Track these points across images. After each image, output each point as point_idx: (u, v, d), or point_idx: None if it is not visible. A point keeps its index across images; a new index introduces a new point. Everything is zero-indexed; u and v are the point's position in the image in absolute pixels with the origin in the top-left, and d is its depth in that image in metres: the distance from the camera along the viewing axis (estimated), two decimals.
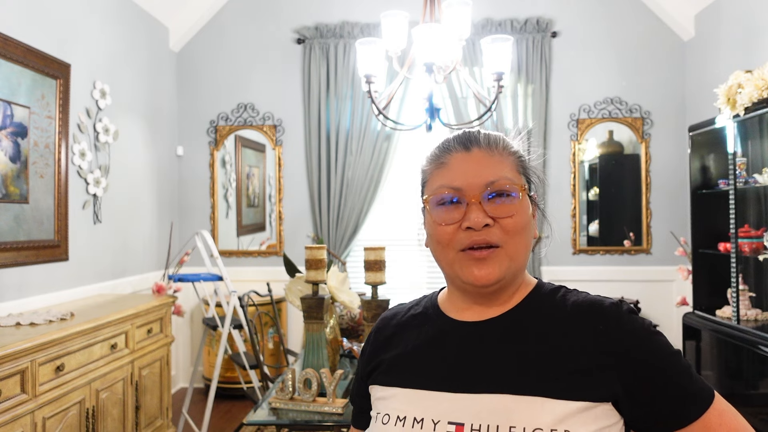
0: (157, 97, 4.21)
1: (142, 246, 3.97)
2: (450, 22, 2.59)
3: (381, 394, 0.87)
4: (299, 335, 4.38)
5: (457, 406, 0.78)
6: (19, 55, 2.72)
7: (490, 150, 0.84)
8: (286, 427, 1.98)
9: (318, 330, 2.16)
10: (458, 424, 0.76)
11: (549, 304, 0.84)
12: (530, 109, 4.23)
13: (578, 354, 0.77)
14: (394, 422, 0.80)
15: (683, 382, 0.76)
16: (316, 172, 4.35)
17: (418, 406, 0.80)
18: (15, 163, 2.72)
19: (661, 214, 4.26)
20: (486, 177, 0.81)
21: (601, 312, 0.80)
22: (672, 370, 0.77)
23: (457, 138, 0.87)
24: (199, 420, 3.51)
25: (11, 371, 2.03)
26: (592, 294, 0.85)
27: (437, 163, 0.87)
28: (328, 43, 4.34)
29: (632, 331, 0.78)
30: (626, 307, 0.81)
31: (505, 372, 0.78)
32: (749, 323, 2.92)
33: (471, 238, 0.80)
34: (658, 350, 0.78)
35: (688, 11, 4.08)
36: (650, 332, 0.79)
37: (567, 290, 0.87)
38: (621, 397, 0.75)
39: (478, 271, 0.80)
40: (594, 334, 0.78)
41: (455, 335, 0.85)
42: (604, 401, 0.75)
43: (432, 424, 0.77)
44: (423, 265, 4.47)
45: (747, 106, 2.74)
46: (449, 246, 0.82)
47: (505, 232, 0.80)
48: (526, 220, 0.82)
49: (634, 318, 0.80)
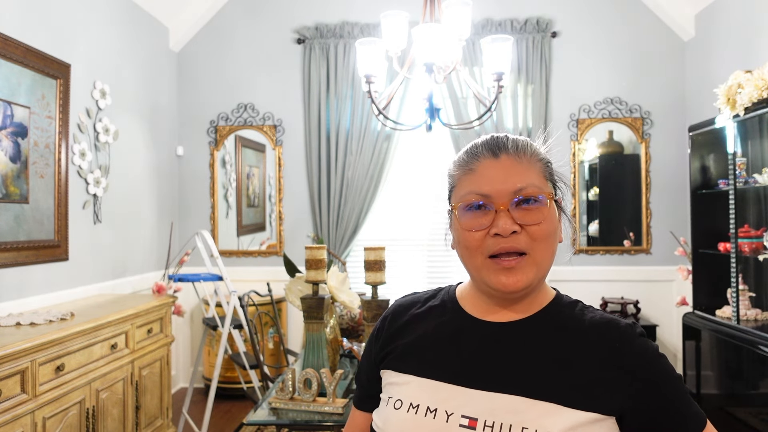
0: (158, 97, 4.21)
1: (142, 246, 3.97)
2: (450, 22, 2.59)
3: (394, 379, 0.88)
4: (299, 335, 4.38)
5: (472, 401, 0.79)
6: (19, 55, 2.72)
7: (518, 156, 0.84)
8: (286, 427, 1.98)
9: (318, 330, 2.16)
10: (472, 419, 0.77)
11: (568, 316, 0.86)
12: (530, 109, 4.23)
13: (593, 367, 0.80)
14: (407, 409, 0.82)
15: (682, 405, 0.80)
16: (316, 172, 4.35)
17: (433, 396, 0.82)
18: (15, 163, 2.72)
19: (661, 214, 4.26)
20: (514, 184, 0.82)
21: (618, 330, 0.83)
22: (674, 393, 0.79)
23: (486, 144, 0.87)
24: (199, 420, 3.51)
25: (11, 371, 2.03)
26: (606, 313, 0.89)
27: (466, 169, 0.86)
28: (328, 43, 4.34)
29: (643, 353, 0.81)
30: (639, 330, 0.84)
31: (521, 375, 0.80)
32: (749, 323, 2.92)
33: (499, 244, 0.80)
34: (664, 373, 0.80)
35: (688, 11, 4.09)
36: (658, 355, 0.82)
37: (584, 305, 0.90)
38: (626, 413, 0.78)
39: (506, 279, 0.81)
40: (609, 349, 0.81)
41: (474, 333, 0.86)
42: (611, 415, 0.78)
43: (445, 415, 0.79)
44: (423, 264, 4.47)
45: (747, 106, 2.74)
46: (477, 251, 0.83)
47: (533, 239, 0.81)
48: (553, 226, 0.83)
49: (645, 341, 0.83)
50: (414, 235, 4.45)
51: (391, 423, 0.84)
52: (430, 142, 4.31)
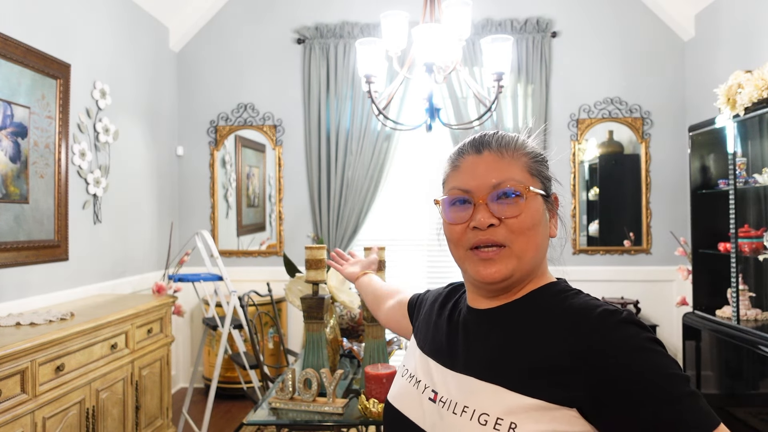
0: (157, 97, 4.21)
1: (142, 246, 3.97)
2: (450, 22, 2.59)
3: (412, 346, 1.04)
4: (299, 335, 4.38)
5: (441, 378, 0.88)
6: (19, 55, 2.72)
7: (501, 153, 0.87)
8: (286, 427, 1.97)
9: (318, 330, 2.16)
10: (435, 393, 0.87)
11: (547, 303, 0.85)
12: (530, 109, 4.23)
13: (552, 353, 0.76)
14: (407, 378, 0.96)
15: (671, 409, 0.67)
16: (316, 172, 4.35)
17: (423, 370, 0.94)
18: (15, 163, 2.72)
19: (661, 214, 4.26)
20: (493, 179, 0.85)
21: (587, 315, 0.77)
22: (658, 391, 0.68)
23: (472, 141, 0.91)
24: (199, 420, 3.51)
25: (11, 371, 2.03)
26: (599, 300, 0.82)
27: (452, 165, 0.91)
28: (328, 43, 4.34)
29: (614, 341, 0.72)
30: (623, 316, 0.75)
31: (481, 358, 0.84)
32: (749, 323, 2.92)
33: (477, 237, 0.85)
34: (643, 366, 0.70)
35: (688, 11, 4.08)
36: (641, 347, 0.71)
37: (576, 293, 0.84)
38: (585, 405, 0.72)
39: (485, 270, 0.85)
40: (568, 334, 0.76)
41: (464, 318, 0.94)
42: (563, 405, 0.73)
43: (423, 387, 0.91)
44: (423, 264, 4.47)
45: (747, 106, 2.74)
46: (459, 244, 0.88)
47: (511, 231, 0.84)
48: (533, 220, 0.84)
49: (627, 328, 0.73)
50: (414, 235, 4.45)
51: (395, 387, 0.99)
52: (430, 142, 4.31)
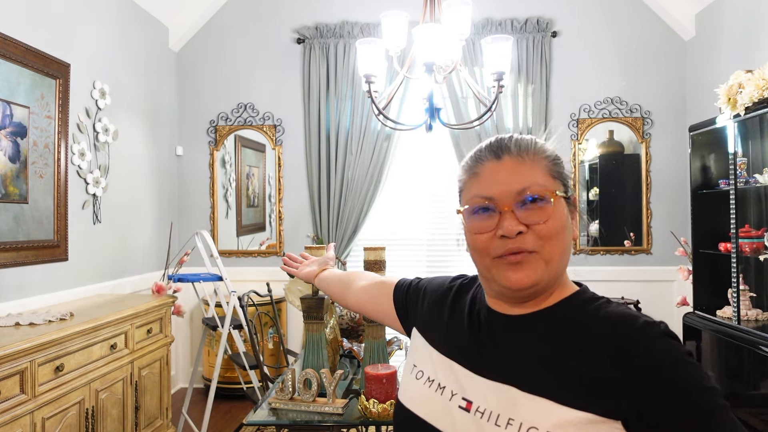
0: (157, 97, 4.21)
1: (141, 246, 3.97)
2: (450, 22, 2.58)
3: (421, 343, 0.98)
4: (299, 335, 4.37)
5: (473, 385, 0.84)
6: (18, 55, 2.72)
7: (521, 156, 0.84)
8: (286, 427, 1.97)
9: (318, 330, 2.15)
10: (468, 401, 0.82)
11: (581, 312, 0.83)
12: (530, 109, 4.23)
13: (596, 364, 0.75)
14: (424, 381, 0.91)
15: (707, 421, 0.69)
16: (316, 172, 4.34)
17: (445, 374, 0.89)
18: (14, 163, 2.71)
19: (661, 214, 4.25)
20: (517, 184, 0.82)
21: (630, 327, 0.77)
22: (696, 404, 0.70)
23: (489, 146, 0.87)
24: (199, 420, 3.51)
25: (10, 371, 2.03)
26: (631, 309, 0.82)
27: (471, 173, 0.88)
28: (328, 43, 4.34)
29: (658, 353, 0.73)
30: (663, 328, 0.76)
31: (520, 367, 0.81)
32: (750, 323, 2.92)
33: (506, 246, 0.81)
34: (684, 380, 0.71)
35: (689, 11, 4.08)
36: (683, 360, 0.73)
37: (607, 301, 0.84)
38: (630, 417, 0.72)
39: (514, 275, 0.81)
40: (617, 347, 0.75)
41: (488, 321, 0.90)
42: (610, 418, 0.73)
43: (450, 394, 0.85)
44: (423, 264, 4.46)
45: (747, 105, 2.74)
46: (485, 253, 0.84)
47: (540, 237, 0.81)
48: (560, 224, 0.82)
49: (667, 342, 0.74)
50: (414, 235, 4.45)
51: (410, 390, 0.93)
52: (430, 142, 4.30)
